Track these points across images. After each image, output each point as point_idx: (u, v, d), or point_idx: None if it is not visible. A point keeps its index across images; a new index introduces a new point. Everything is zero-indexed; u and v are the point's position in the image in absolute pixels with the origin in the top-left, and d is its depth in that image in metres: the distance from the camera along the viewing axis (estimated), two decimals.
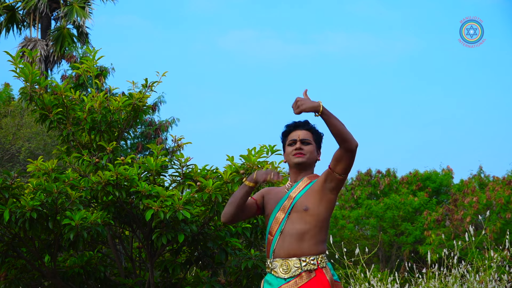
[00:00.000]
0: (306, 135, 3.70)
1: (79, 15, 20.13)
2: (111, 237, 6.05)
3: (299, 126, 3.73)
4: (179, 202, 5.31)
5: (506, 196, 20.44)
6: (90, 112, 5.89)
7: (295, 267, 3.51)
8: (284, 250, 3.53)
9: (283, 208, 3.59)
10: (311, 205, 3.55)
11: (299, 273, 3.50)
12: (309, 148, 3.67)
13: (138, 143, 19.97)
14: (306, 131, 3.71)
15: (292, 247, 3.52)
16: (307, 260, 3.51)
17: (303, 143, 3.67)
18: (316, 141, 3.73)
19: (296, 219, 3.54)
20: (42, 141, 16.03)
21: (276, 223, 3.58)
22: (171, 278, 5.96)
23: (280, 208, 3.60)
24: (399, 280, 8.42)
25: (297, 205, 3.56)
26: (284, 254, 3.53)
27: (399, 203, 23.09)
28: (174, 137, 6.13)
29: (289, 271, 3.51)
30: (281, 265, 3.53)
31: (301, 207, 3.55)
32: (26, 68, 5.86)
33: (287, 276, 3.51)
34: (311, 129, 3.73)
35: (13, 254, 5.76)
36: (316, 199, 3.56)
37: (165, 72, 6.14)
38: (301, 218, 3.54)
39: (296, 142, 3.68)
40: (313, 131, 3.73)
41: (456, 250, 8.18)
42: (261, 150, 5.59)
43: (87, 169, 5.81)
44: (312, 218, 3.55)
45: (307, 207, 3.55)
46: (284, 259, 3.53)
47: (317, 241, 3.55)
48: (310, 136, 3.70)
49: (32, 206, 5.23)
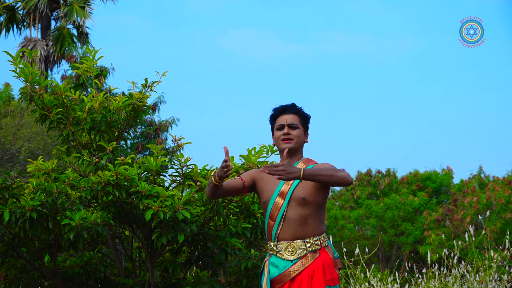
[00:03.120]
0: (293, 119, 3.80)
1: (79, 15, 20.13)
2: (111, 237, 6.05)
3: (286, 110, 3.83)
4: (179, 202, 5.31)
5: (506, 196, 20.44)
6: (90, 112, 5.89)
7: (301, 248, 3.67)
8: (289, 234, 3.69)
9: (281, 194, 3.71)
10: (308, 195, 3.69)
11: (305, 254, 3.66)
12: (296, 133, 3.79)
13: (138, 143, 19.97)
14: (293, 115, 3.81)
15: (296, 231, 3.68)
16: (311, 241, 3.68)
17: (291, 127, 3.79)
18: (304, 123, 3.84)
19: (297, 206, 3.68)
20: (42, 141, 16.03)
21: (276, 208, 3.71)
22: (171, 278, 5.96)
23: (278, 193, 3.72)
24: (399, 280, 8.42)
25: (294, 195, 3.69)
26: (289, 237, 3.69)
27: (399, 203, 23.09)
28: (174, 137, 6.13)
29: (294, 253, 3.67)
30: (286, 248, 3.68)
31: (298, 196, 3.69)
32: (26, 68, 5.86)
33: (293, 257, 3.67)
34: (298, 112, 3.83)
35: (13, 254, 5.76)
36: (312, 190, 3.70)
37: (165, 72, 6.14)
38: (301, 205, 3.69)
39: (284, 127, 3.78)
40: (300, 114, 3.83)
41: (456, 250, 8.18)
42: (261, 150, 5.59)
43: (87, 169, 5.81)
44: (311, 205, 3.70)
45: (304, 197, 3.68)
46: (289, 242, 3.68)
47: (319, 222, 3.72)
48: (297, 120, 3.81)
49: (32, 206, 5.23)
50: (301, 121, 3.82)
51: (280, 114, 3.82)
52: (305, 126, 3.85)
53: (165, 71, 6.13)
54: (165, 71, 6.13)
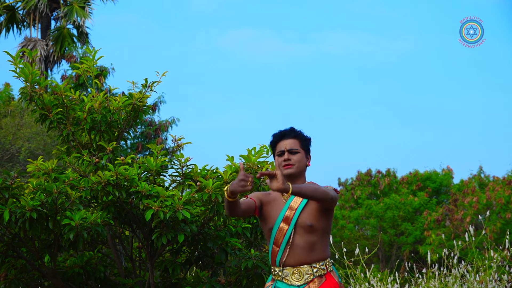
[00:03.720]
0: (293, 144, 3.73)
1: (79, 15, 20.13)
2: (111, 237, 6.05)
3: (285, 135, 3.75)
4: (179, 202, 5.31)
5: (506, 196, 20.45)
6: (90, 112, 5.89)
7: (308, 273, 3.66)
8: (295, 260, 3.67)
9: (286, 219, 3.67)
10: (314, 222, 3.67)
11: (312, 279, 3.65)
12: (297, 157, 3.72)
13: (138, 143, 19.97)
14: (293, 139, 3.74)
15: (303, 257, 3.66)
16: (318, 266, 3.68)
17: (291, 152, 3.71)
18: (304, 147, 3.76)
19: (303, 233, 3.66)
20: (42, 141, 16.03)
21: (281, 234, 3.67)
22: (171, 278, 5.96)
23: (282, 218, 3.68)
24: (399, 280, 8.42)
25: (300, 221, 3.66)
26: (295, 263, 3.68)
27: (399, 203, 23.09)
28: (174, 137, 6.13)
29: (301, 278, 3.67)
30: (292, 273, 3.68)
31: (305, 223, 3.66)
32: (26, 68, 5.86)
33: (300, 283, 3.66)
34: (297, 136, 3.76)
35: (13, 254, 5.76)
36: (316, 216, 3.67)
37: (165, 72, 6.14)
38: (308, 232, 3.66)
39: (284, 153, 3.71)
40: (299, 138, 3.76)
41: (456, 250, 8.18)
42: (261, 150, 5.60)
43: (87, 169, 5.81)
44: (318, 231, 3.68)
45: (311, 224, 3.66)
46: (295, 267, 3.67)
47: (325, 247, 3.72)
48: (297, 144, 3.74)
49: (32, 206, 5.23)
50: (301, 144, 3.74)
51: (280, 140, 3.75)
52: (306, 149, 3.77)
53: (165, 71, 6.13)
54: (165, 71, 6.13)
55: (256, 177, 3.56)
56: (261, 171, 3.49)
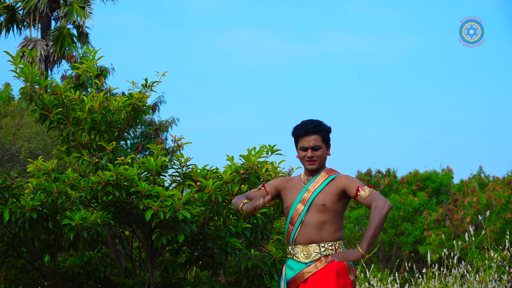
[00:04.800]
0: (316, 141, 3.89)
1: (79, 15, 20.13)
2: (111, 237, 6.05)
3: (308, 132, 3.89)
4: (179, 202, 5.31)
5: (506, 196, 20.45)
6: (90, 112, 5.89)
7: (315, 252, 3.83)
8: (305, 238, 3.85)
9: (303, 200, 3.87)
10: (329, 202, 3.85)
11: (319, 258, 3.81)
12: (319, 153, 3.91)
13: (138, 143, 19.97)
14: (316, 136, 3.90)
15: (312, 235, 3.83)
16: (326, 246, 3.83)
17: (314, 149, 3.89)
18: (326, 140, 3.93)
19: (316, 211, 3.84)
20: (42, 141, 16.03)
21: (296, 214, 3.87)
22: (171, 278, 5.96)
23: (300, 200, 3.88)
24: (399, 280, 8.42)
25: (315, 200, 3.85)
26: (305, 241, 3.85)
27: (399, 203, 23.10)
28: (174, 137, 6.13)
29: (309, 256, 3.83)
30: (302, 251, 3.86)
31: (319, 202, 3.84)
32: (26, 68, 5.86)
33: (308, 260, 3.84)
34: (320, 131, 3.91)
35: (13, 254, 5.76)
36: (333, 199, 3.86)
37: (165, 72, 6.14)
38: (320, 211, 3.84)
39: (307, 149, 3.89)
40: (322, 133, 3.91)
41: (456, 250, 8.18)
42: (261, 150, 5.59)
43: (87, 169, 5.81)
44: (330, 212, 3.85)
45: (325, 203, 3.84)
46: (305, 246, 3.85)
47: (335, 229, 3.86)
48: (319, 140, 3.90)
49: (32, 206, 5.23)
50: (323, 139, 3.91)
51: (304, 136, 3.89)
52: (327, 141, 3.94)
53: (165, 71, 6.13)
54: (165, 71, 6.14)
55: None
56: None
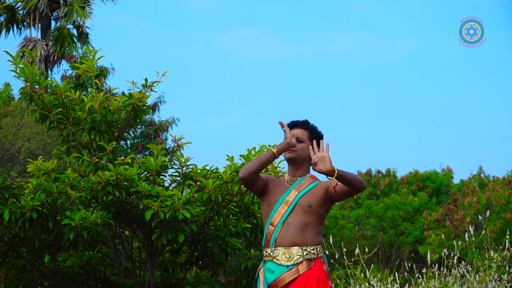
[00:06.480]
0: (301, 134, 3.93)
1: (79, 15, 20.12)
2: (111, 237, 6.05)
3: (297, 125, 3.97)
4: (179, 202, 5.31)
5: (506, 196, 20.45)
6: (90, 112, 5.89)
7: (297, 255, 3.76)
8: (287, 240, 3.78)
9: (286, 202, 3.83)
10: (314, 203, 3.81)
11: (301, 261, 3.75)
12: (301, 146, 3.91)
13: (138, 143, 19.97)
14: (303, 130, 3.94)
15: (295, 237, 3.77)
16: (308, 249, 3.77)
17: (298, 141, 3.90)
18: (312, 139, 3.91)
19: (300, 212, 3.80)
20: (42, 141, 16.03)
21: (278, 215, 3.82)
22: (171, 278, 5.96)
23: (283, 201, 3.83)
24: (399, 280, 8.42)
25: (301, 201, 3.81)
26: (287, 243, 3.78)
27: (399, 203, 23.09)
28: (174, 137, 6.13)
29: (291, 259, 3.77)
30: (283, 253, 3.78)
31: (305, 203, 3.80)
32: (26, 68, 5.86)
33: (290, 263, 3.76)
34: (308, 128, 3.96)
35: (13, 254, 5.76)
36: (318, 200, 3.83)
37: (165, 72, 6.14)
38: (305, 212, 3.79)
39: None
40: (309, 130, 3.95)
41: (456, 250, 8.17)
42: (261, 150, 5.60)
43: (87, 169, 5.82)
44: (315, 214, 3.81)
45: (310, 204, 3.80)
46: (286, 248, 3.77)
47: (317, 233, 3.82)
48: (305, 135, 3.93)
49: (32, 206, 5.23)
50: (309, 136, 3.92)
51: (291, 128, 3.94)
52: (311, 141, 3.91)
53: (165, 71, 6.14)
54: (165, 71, 6.14)
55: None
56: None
